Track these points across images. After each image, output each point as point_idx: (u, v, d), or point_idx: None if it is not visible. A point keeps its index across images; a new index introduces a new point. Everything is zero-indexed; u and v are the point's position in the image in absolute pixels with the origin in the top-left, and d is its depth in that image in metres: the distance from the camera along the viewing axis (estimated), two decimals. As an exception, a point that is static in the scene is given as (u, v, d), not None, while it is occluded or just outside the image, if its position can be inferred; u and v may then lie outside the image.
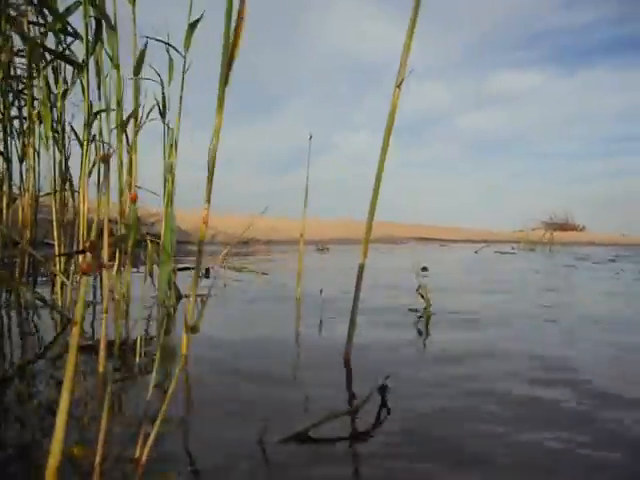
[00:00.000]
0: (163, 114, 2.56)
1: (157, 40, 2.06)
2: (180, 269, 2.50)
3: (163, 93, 2.50)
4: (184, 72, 2.14)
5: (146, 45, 2.05)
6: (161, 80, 2.38)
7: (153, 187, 2.32)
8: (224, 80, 0.98)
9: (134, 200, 0.59)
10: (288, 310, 1.91)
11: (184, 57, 2.15)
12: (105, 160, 0.56)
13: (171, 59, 2.42)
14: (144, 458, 0.67)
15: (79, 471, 0.68)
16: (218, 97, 0.98)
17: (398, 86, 1.21)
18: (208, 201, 1.05)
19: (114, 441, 0.74)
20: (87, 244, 0.57)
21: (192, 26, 2.05)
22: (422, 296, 1.84)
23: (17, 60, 2.17)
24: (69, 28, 1.68)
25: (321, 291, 2.01)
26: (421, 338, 1.55)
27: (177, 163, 2.17)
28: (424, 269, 3.92)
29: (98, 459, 0.63)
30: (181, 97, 2.19)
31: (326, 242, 7.26)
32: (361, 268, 1.23)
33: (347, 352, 1.24)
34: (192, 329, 0.62)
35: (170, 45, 2.11)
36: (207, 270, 2.78)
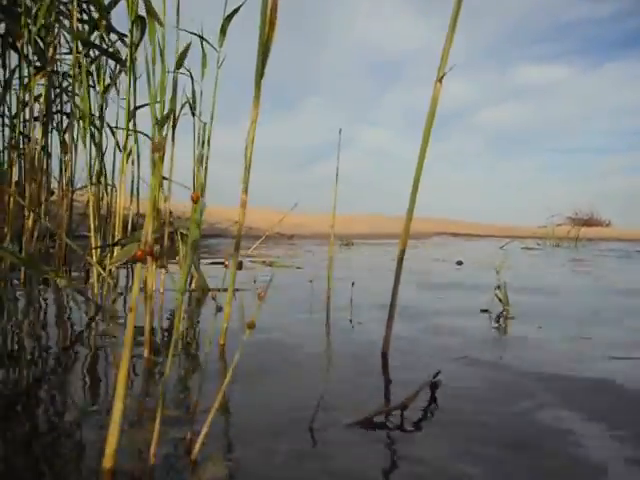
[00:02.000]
0: (193, 109, 2.60)
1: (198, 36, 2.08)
2: (212, 263, 2.54)
3: (193, 89, 2.53)
4: (218, 67, 2.18)
5: (185, 47, 2.08)
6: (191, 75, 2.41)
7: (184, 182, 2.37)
8: (260, 73, 1.00)
9: (196, 200, 0.61)
10: (320, 304, 1.93)
11: (218, 52, 2.18)
12: (157, 151, 0.58)
13: (204, 54, 2.44)
14: (197, 447, 0.69)
15: (134, 457, 0.70)
16: (255, 91, 1.00)
17: (439, 80, 1.19)
18: (245, 191, 1.08)
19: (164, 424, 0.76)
20: (147, 248, 0.60)
21: (227, 20, 2.09)
22: (500, 299, 1.69)
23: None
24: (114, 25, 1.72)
25: (353, 284, 2.04)
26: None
27: (209, 157, 2.21)
28: (459, 263, 3.88)
29: (153, 449, 0.66)
30: (215, 92, 2.23)
31: (349, 237, 7.26)
32: (400, 260, 1.23)
33: (385, 344, 1.22)
34: (249, 325, 0.65)
35: (205, 39, 2.14)
36: (240, 264, 2.75)
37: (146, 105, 1.99)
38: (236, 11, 2.13)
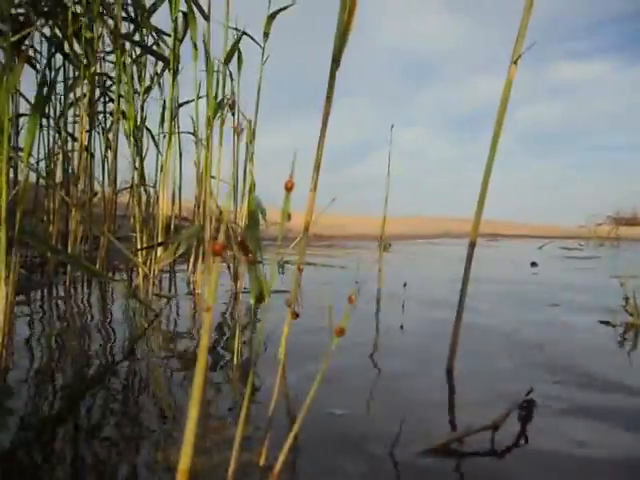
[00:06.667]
0: (232, 108, 2.54)
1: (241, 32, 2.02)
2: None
3: (232, 86, 2.46)
4: (263, 63, 2.12)
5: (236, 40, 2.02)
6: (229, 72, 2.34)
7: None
8: (336, 61, 0.91)
9: (291, 188, 0.53)
10: (370, 306, 1.84)
11: (262, 48, 2.12)
12: (238, 132, 0.50)
13: (239, 51, 2.38)
14: (278, 467, 0.62)
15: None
16: (329, 81, 0.91)
17: (515, 62, 1.09)
18: (315, 188, 1.00)
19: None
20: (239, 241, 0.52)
21: (272, 17, 2.03)
22: (630, 313, 1.49)
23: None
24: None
25: (405, 285, 1.97)
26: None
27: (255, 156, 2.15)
28: (533, 264, 3.66)
29: (232, 467, 0.58)
30: (259, 89, 2.17)
31: (387, 237, 7.14)
32: (469, 256, 1.11)
33: (451, 359, 1.09)
34: (340, 332, 0.56)
35: (250, 36, 2.09)
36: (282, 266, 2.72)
37: (189, 102, 1.94)
38: (283, 9, 2.07)
